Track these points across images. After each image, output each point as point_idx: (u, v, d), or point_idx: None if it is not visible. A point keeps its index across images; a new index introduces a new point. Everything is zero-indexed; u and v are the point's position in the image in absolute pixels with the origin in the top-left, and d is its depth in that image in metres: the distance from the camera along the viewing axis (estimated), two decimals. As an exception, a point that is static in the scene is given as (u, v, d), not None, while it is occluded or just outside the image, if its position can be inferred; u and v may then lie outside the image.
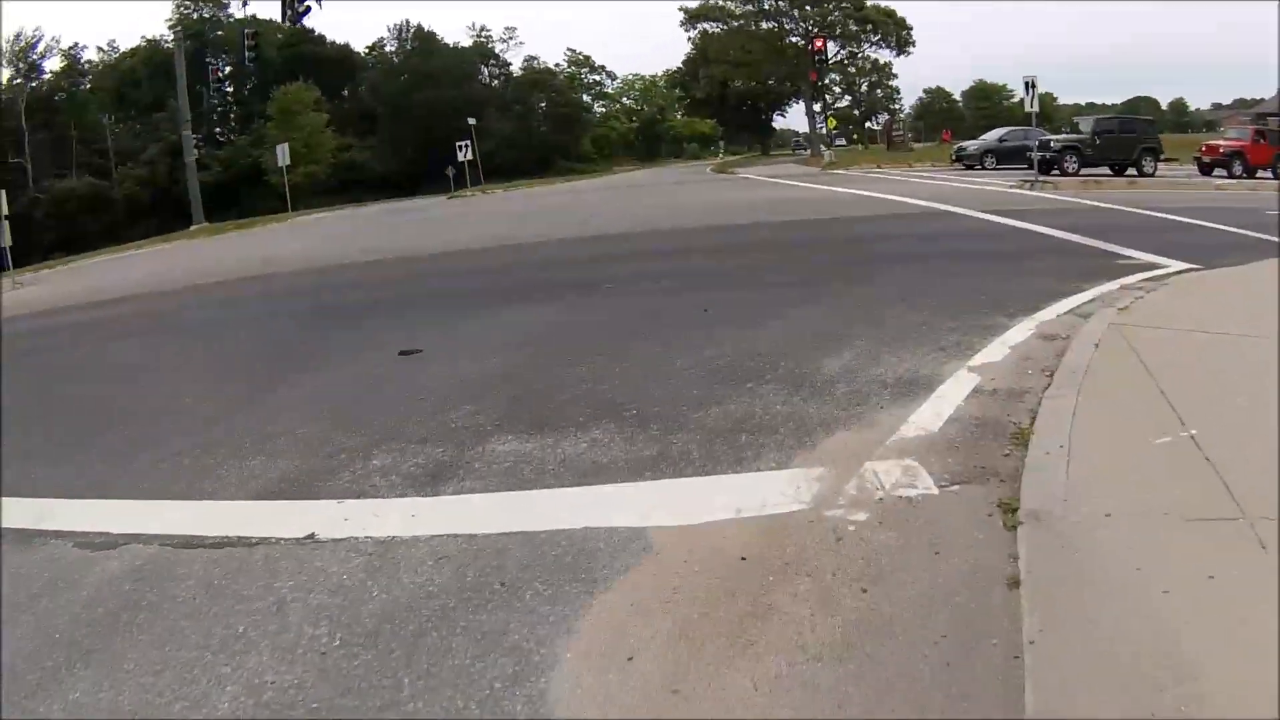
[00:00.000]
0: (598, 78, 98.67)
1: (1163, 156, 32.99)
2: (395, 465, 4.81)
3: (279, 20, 74.42)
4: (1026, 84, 26.15)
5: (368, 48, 79.74)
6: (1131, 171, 30.85)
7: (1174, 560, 3.04)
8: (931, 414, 4.90)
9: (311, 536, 3.94)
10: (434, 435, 5.26)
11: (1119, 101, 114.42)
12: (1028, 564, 3.11)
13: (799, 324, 7.74)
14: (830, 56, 72.54)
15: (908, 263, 11.35)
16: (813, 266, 11.58)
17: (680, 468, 4.41)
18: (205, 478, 4.93)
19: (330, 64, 72.62)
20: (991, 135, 41.51)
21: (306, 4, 35.75)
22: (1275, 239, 12.18)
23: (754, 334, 7.36)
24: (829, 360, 6.27)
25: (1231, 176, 29.71)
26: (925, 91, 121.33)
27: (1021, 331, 6.94)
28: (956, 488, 3.88)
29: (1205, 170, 31.49)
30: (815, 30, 69.99)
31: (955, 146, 44.80)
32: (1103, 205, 18.95)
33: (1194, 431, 4.13)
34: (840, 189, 26.89)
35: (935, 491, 3.85)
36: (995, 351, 6.34)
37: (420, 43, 76.73)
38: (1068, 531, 3.28)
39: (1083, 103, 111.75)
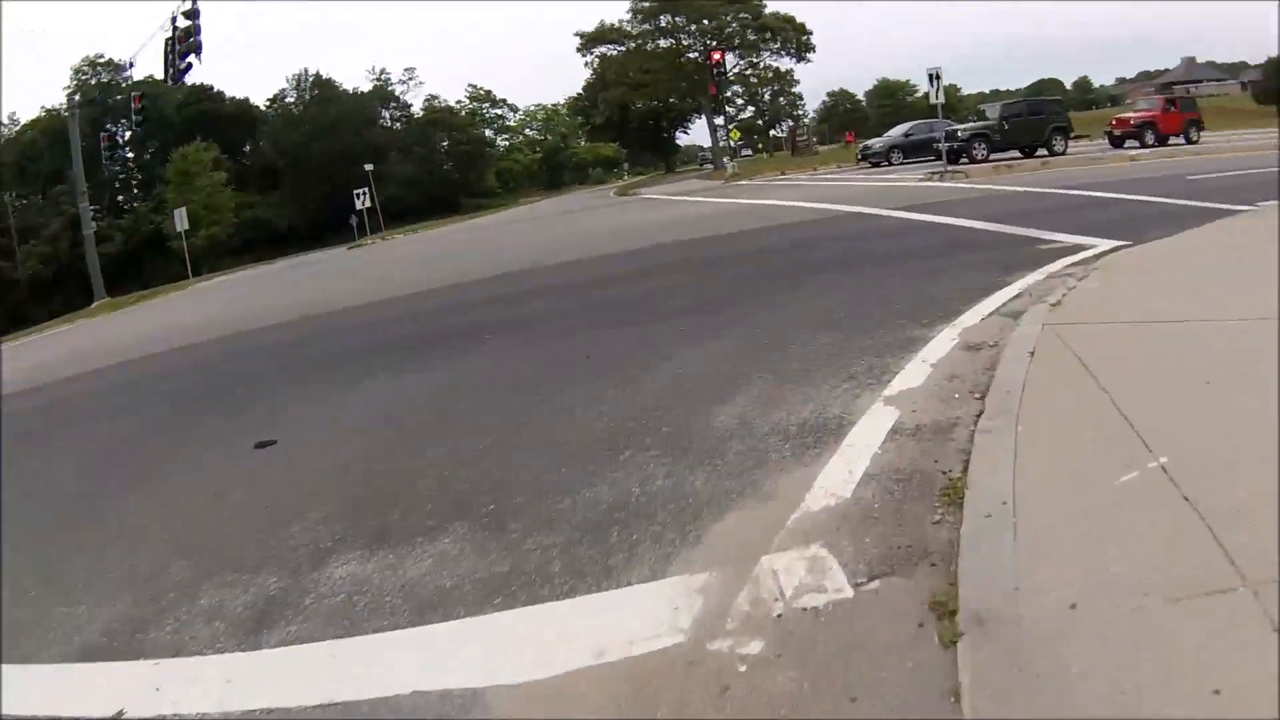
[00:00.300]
0: (499, 111, 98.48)
1: (1073, 134, 33.47)
2: (222, 606, 3.91)
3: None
4: (930, 76, 25.82)
5: (269, 100, 78.18)
6: (1042, 152, 31.09)
7: (1165, 670, 2.23)
8: (842, 472, 4.03)
9: (119, 715, 3.13)
10: (270, 558, 4.34)
11: (1023, 86, 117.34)
12: (973, 706, 2.28)
13: (691, 363, 6.91)
14: (730, 68, 72.93)
15: (813, 274, 10.59)
16: (714, 289, 10.76)
17: (536, 588, 3.47)
18: (34, 628, 4.07)
19: (230, 120, 71.00)
20: (896, 131, 41.63)
21: (187, 61, 34.45)
22: (1203, 205, 11.81)
23: (640, 383, 6.49)
24: (723, 408, 5.41)
25: (1144, 146, 30.15)
26: (829, 95, 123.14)
27: (944, 343, 6.23)
28: (876, 584, 3.00)
29: (1117, 143, 32.08)
30: (713, 44, 70.11)
31: (860, 145, 45.00)
32: (1017, 189, 18.68)
33: (1163, 459, 3.35)
34: (744, 200, 26.46)
35: (849, 594, 2.96)
36: (915, 373, 5.58)
37: (319, 90, 75.38)
38: (1023, 642, 2.44)
39: (987, 90, 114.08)
